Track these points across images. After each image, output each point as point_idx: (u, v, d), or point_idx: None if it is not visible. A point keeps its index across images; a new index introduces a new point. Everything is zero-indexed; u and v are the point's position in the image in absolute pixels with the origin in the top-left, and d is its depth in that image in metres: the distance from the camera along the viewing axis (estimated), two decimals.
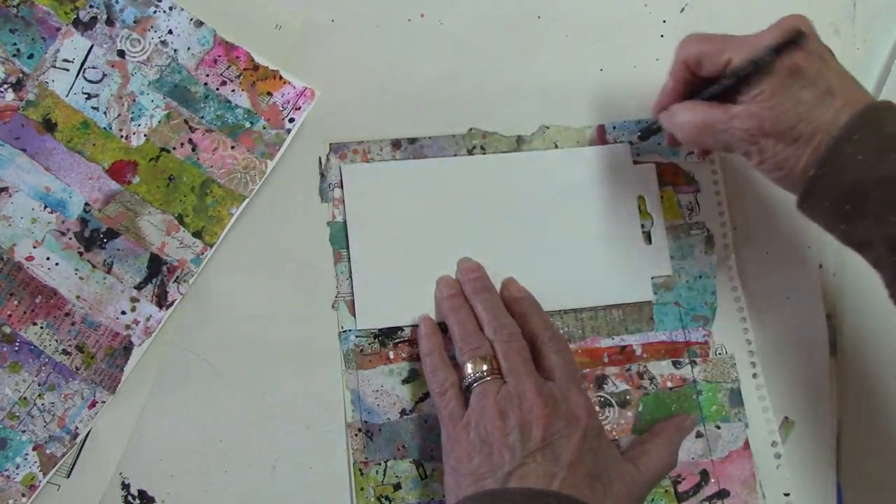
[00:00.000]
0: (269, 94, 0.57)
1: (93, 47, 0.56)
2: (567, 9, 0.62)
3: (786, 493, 0.58)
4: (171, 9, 0.56)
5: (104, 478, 0.53)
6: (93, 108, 0.55)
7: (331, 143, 0.59)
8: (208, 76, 0.57)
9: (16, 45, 0.55)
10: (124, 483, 0.54)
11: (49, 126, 0.55)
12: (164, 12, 0.56)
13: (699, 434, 0.58)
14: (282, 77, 0.57)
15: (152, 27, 0.56)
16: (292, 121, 0.57)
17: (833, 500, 0.60)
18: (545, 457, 0.48)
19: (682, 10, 0.63)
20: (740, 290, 0.60)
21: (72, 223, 0.54)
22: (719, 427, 0.59)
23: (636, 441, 0.57)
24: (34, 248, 0.54)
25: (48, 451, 0.52)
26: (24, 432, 0.52)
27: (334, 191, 0.58)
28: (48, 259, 0.54)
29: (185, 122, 0.56)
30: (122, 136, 0.55)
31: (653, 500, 0.57)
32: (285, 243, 0.57)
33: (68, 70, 0.55)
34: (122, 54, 0.56)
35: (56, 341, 0.53)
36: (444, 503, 0.53)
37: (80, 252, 0.54)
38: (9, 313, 0.53)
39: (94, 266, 0.54)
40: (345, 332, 0.57)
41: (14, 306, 0.53)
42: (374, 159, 0.59)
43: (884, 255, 0.46)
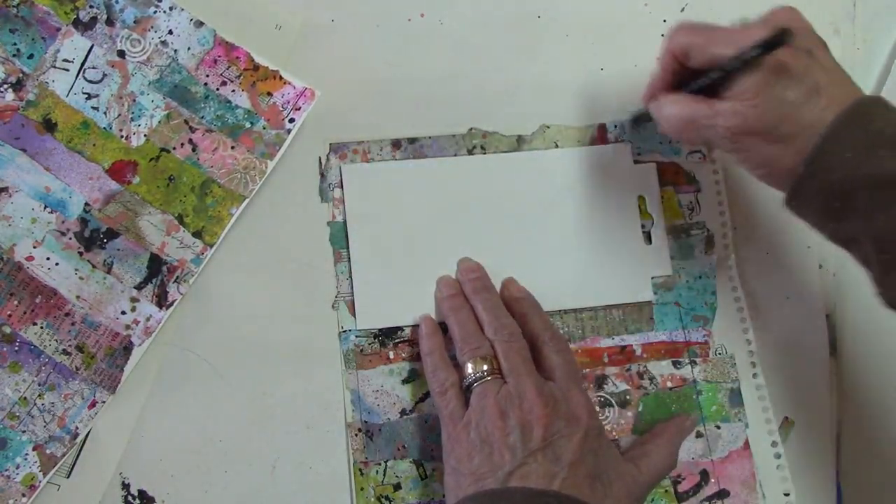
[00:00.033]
0: (269, 94, 0.57)
1: (93, 47, 0.56)
2: (567, 9, 0.62)
3: (786, 493, 0.58)
4: (171, 9, 0.56)
5: (104, 478, 0.53)
6: (93, 108, 0.55)
7: (331, 143, 0.59)
8: (208, 76, 0.56)
9: (16, 45, 0.55)
10: (124, 483, 0.54)
11: (49, 126, 0.55)
12: (164, 12, 0.56)
13: (699, 434, 0.58)
14: (282, 77, 0.57)
15: (152, 27, 0.56)
16: (292, 121, 0.57)
17: (833, 500, 0.60)
18: (546, 457, 0.48)
19: (682, 10, 0.63)
20: (740, 290, 0.60)
21: (72, 223, 0.54)
22: (719, 427, 0.59)
23: (637, 441, 0.57)
24: (34, 248, 0.54)
25: (48, 451, 0.52)
26: (24, 432, 0.52)
27: (334, 191, 0.58)
28: (48, 259, 0.54)
29: (185, 122, 0.56)
30: (122, 136, 0.55)
31: (653, 500, 0.57)
32: (285, 243, 0.57)
33: (68, 70, 0.55)
34: (122, 54, 0.56)
35: (56, 341, 0.53)
36: (444, 503, 0.53)
37: (80, 252, 0.54)
38: (9, 313, 0.53)
39: (94, 266, 0.54)
40: (345, 332, 0.57)
41: (14, 306, 0.53)
42: (374, 159, 0.59)
43: (871, 254, 0.46)
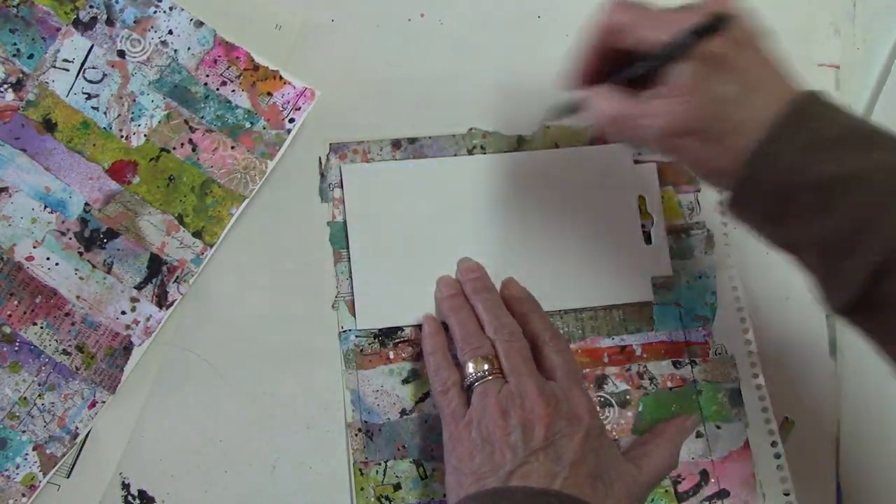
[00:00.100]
0: (269, 94, 0.57)
1: (93, 47, 0.55)
2: (567, 9, 0.62)
3: (786, 492, 0.58)
4: (171, 9, 0.56)
5: (104, 478, 0.53)
6: (93, 108, 0.55)
7: (331, 143, 0.59)
8: (208, 76, 0.56)
9: (16, 45, 0.55)
10: (124, 483, 0.54)
11: (49, 126, 0.55)
12: (164, 12, 0.56)
13: (699, 434, 0.58)
14: (282, 77, 0.57)
15: (152, 27, 0.56)
16: (292, 121, 0.57)
17: (833, 500, 0.60)
18: (547, 456, 0.48)
19: None
20: (740, 290, 0.60)
21: (72, 223, 0.54)
22: (719, 427, 0.59)
23: (637, 441, 0.57)
24: (34, 248, 0.54)
25: (48, 451, 0.52)
26: (24, 432, 0.52)
27: (334, 191, 0.58)
28: (48, 259, 0.54)
29: (185, 122, 0.56)
30: (122, 136, 0.55)
31: (653, 500, 0.57)
32: (285, 243, 0.57)
33: (68, 70, 0.55)
34: (122, 54, 0.56)
35: (56, 341, 0.53)
36: (445, 503, 0.53)
37: (80, 252, 0.54)
38: (9, 313, 0.53)
39: (94, 266, 0.54)
40: (345, 332, 0.57)
41: (14, 306, 0.53)
42: (374, 159, 0.59)
43: (814, 258, 0.44)
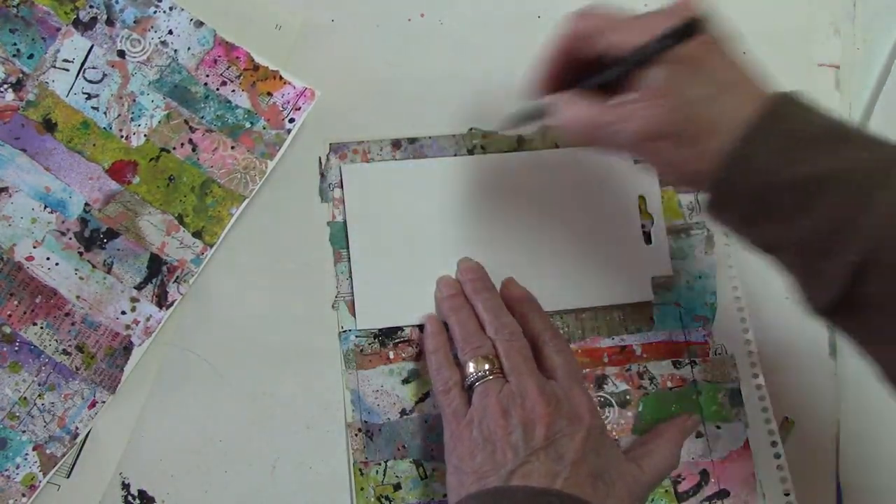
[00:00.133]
0: (269, 94, 0.57)
1: (93, 47, 0.55)
2: (567, 9, 0.61)
3: (786, 492, 0.58)
4: (171, 9, 0.56)
5: (104, 478, 0.53)
6: (93, 108, 0.55)
7: (331, 143, 0.59)
8: (208, 76, 0.56)
9: (16, 45, 0.55)
10: (124, 483, 0.54)
11: (49, 126, 0.55)
12: (164, 12, 0.56)
13: (699, 434, 0.58)
14: (282, 77, 0.57)
15: (152, 27, 0.56)
16: (292, 121, 0.57)
17: (833, 500, 0.60)
18: (548, 455, 0.48)
19: None
20: (740, 290, 0.60)
21: (72, 223, 0.54)
22: (719, 427, 0.59)
23: (638, 441, 0.57)
24: (34, 248, 0.54)
25: (48, 451, 0.52)
26: (24, 432, 0.52)
27: (334, 191, 0.58)
28: (48, 259, 0.54)
29: (185, 122, 0.56)
30: (122, 136, 0.55)
31: (653, 500, 0.57)
32: (285, 243, 0.57)
33: (68, 70, 0.55)
34: (122, 54, 0.56)
35: (56, 341, 0.53)
36: (445, 503, 0.53)
37: (80, 252, 0.54)
38: (9, 313, 0.53)
39: (94, 266, 0.54)
40: (345, 332, 0.57)
41: (14, 306, 0.53)
42: (374, 159, 0.59)
43: (794, 259, 0.44)
